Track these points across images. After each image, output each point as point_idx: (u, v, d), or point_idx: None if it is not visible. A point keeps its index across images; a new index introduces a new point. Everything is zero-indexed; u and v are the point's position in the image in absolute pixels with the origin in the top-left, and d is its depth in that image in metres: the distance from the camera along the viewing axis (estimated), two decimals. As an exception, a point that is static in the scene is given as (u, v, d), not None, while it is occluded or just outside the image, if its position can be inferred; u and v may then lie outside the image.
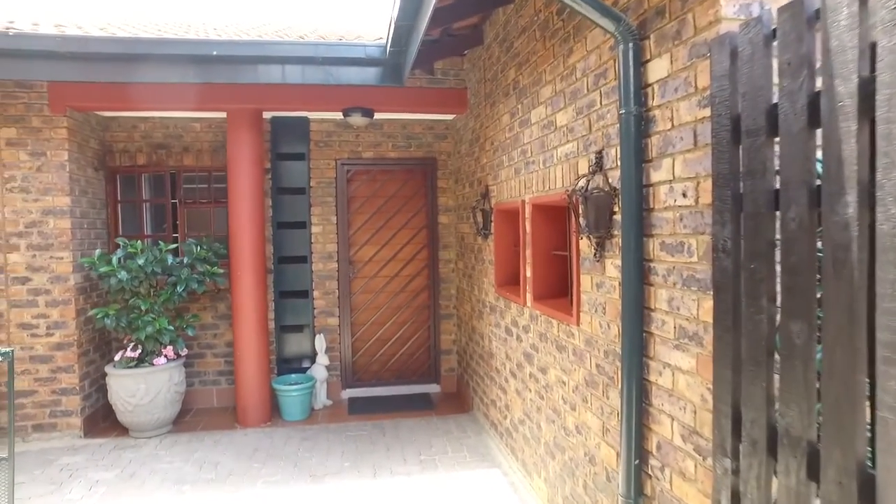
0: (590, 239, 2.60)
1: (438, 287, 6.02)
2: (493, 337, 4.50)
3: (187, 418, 5.35)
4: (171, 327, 4.71)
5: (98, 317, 4.66)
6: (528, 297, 3.55)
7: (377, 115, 5.51)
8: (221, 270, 5.15)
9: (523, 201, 3.59)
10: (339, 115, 5.55)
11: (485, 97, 4.57)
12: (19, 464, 4.40)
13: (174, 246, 4.88)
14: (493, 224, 4.34)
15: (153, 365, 4.77)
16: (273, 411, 5.32)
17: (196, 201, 5.68)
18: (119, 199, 5.58)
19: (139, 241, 4.71)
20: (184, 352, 5.07)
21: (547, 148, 3.18)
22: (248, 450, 4.56)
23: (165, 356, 4.85)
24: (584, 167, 2.71)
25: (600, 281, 2.58)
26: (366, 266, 5.97)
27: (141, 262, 4.52)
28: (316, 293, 5.83)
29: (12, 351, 3.21)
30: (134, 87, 4.77)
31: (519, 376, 3.84)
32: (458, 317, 5.89)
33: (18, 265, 4.74)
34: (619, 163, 2.27)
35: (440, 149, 5.95)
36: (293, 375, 5.53)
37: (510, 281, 4.21)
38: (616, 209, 2.39)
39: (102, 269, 4.52)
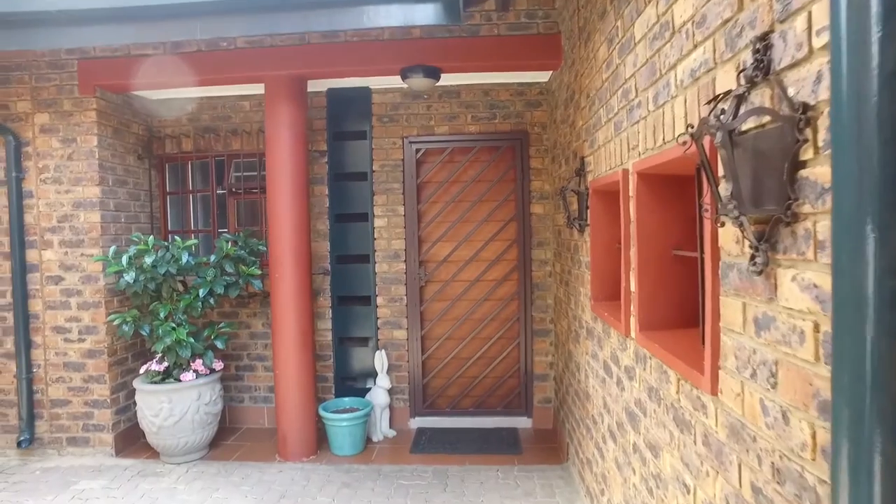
0: (740, 226, 1.26)
1: (531, 295, 4.76)
2: (589, 371, 3.18)
3: (230, 440, 4.63)
4: (191, 339, 3.95)
5: (115, 322, 4.04)
6: (633, 323, 2.21)
7: (448, 80, 4.40)
8: (259, 272, 4.33)
9: (625, 171, 2.26)
10: (406, 85, 4.51)
11: (578, 33, 3.25)
12: (41, 484, 3.90)
13: (192, 242, 4.13)
14: (588, 211, 3.02)
15: (179, 381, 4.06)
16: (321, 441, 4.42)
17: (247, 190, 4.95)
18: (167, 189, 5.02)
19: (151, 237, 4.02)
20: (218, 366, 4.32)
21: (660, 72, 1.84)
22: (274, 496, 3.67)
23: (195, 371, 4.12)
24: (726, 81, 1.36)
25: (765, 314, 1.23)
26: (440, 268, 4.87)
27: (149, 260, 3.80)
28: (380, 300, 4.84)
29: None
30: (163, 59, 4.10)
31: (619, 441, 2.50)
32: (556, 334, 4.59)
33: (52, 263, 4.29)
34: (812, 44, 0.94)
35: (533, 119, 4.68)
36: (346, 399, 4.59)
37: (611, 294, 2.87)
38: (807, 155, 1.05)
39: (112, 269, 3.88)
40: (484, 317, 4.85)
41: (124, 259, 3.83)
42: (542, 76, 4.48)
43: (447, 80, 4.44)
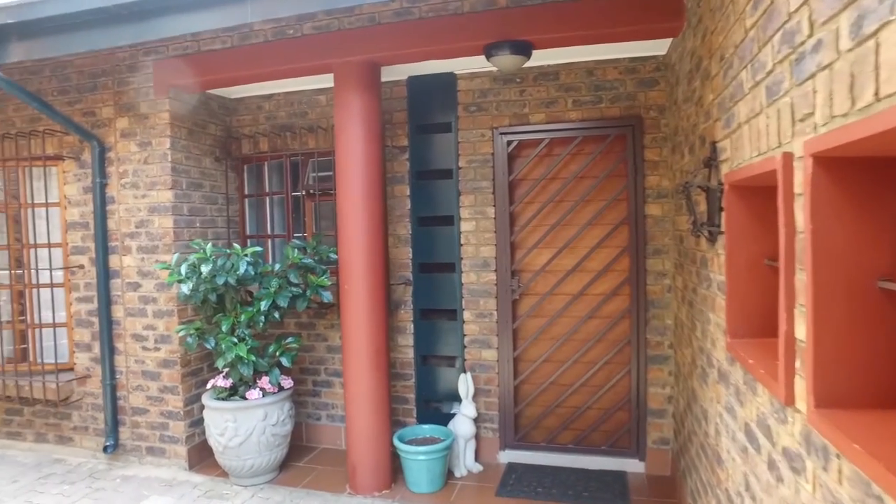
0: None
1: (646, 313, 3.94)
2: (721, 427, 2.37)
3: (303, 461, 4.29)
4: (252, 356, 3.62)
5: (180, 334, 3.82)
6: (801, 388, 1.43)
7: (544, 58, 3.73)
8: (328, 282, 3.92)
9: (787, 155, 1.48)
10: (494, 68, 3.90)
11: (711, -23, 2.44)
12: (117, 495, 3.79)
13: (252, 250, 3.79)
14: (723, 214, 2.22)
15: (245, 399, 3.76)
16: (397, 472, 3.93)
17: (324, 192, 4.59)
18: (246, 192, 4.80)
19: (210, 244, 3.72)
20: (287, 384, 3.98)
21: (864, -19, 1.07)
22: (335, 540, 3.22)
23: (261, 389, 3.80)
24: None
25: None
26: (537, 279, 4.19)
27: (205, 270, 3.50)
28: (467, 315, 4.26)
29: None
30: (230, 53, 3.82)
31: (773, 550, 1.71)
32: (677, 363, 3.74)
33: (131, 269, 4.19)
34: None
35: (648, 101, 3.86)
36: (426, 427, 4.06)
37: (757, 330, 2.05)
38: None
39: (171, 279, 3.65)
40: (588, 337, 4.10)
41: (183, 268, 3.58)
42: (659, 46, 3.64)
43: (542, 58, 3.76)
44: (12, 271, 4.56)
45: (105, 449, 4.23)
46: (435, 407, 4.43)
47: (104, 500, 3.77)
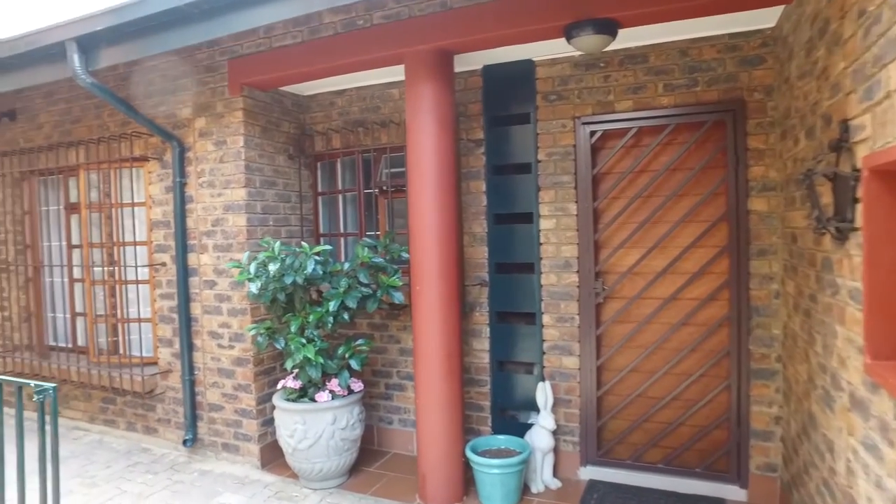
0: None
1: (749, 322, 3.49)
2: (855, 466, 1.96)
3: (374, 466, 4.17)
4: (321, 358, 3.51)
5: (251, 333, 3.79)
6: None
7: (631, 37, 3.38)
8: (400, 282, 3.77)
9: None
10: (576, 52, 3.61)
11: (844, -78, 2.03)
12: (192, 489, 3.84)
13: (321, 248, 3.68)
14: (860, 206, 1.83)
15: (314, 401, 3.68)
16: (469, 484, 3.71)
17: (398, 188, 4.45)
18: (319, 189, 4.75)
19: (278, 242, 3.65)
20: (357, 387, 3.87)
21: None
22: (402, 556, 3.05)
23: (331, 391, 3.71)
24: None
25: None
26: (623, 281, 3.84)
27: (273, 268, 3.43)
28: (546, 318, 3.97)
29: (54, 388, 2.37)
30: (300, 47, 3.76)
31: None
32: (787, 380, 3.27)
33: (207, 267, 4.24)
34: None
35: (752, 82, 3.40)
36: (501, 438, 3.82)
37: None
38: None
39: (240, 277, 3.61)
40: (681, 346, 3.70)
41: (252, 267, 3.54)
42: (767, 17, 3.19)
43: (629, 38, 3.42)
44: (104, 268, 4.76)
45: (184, 442, 4.31)
46: (511, 416, 4.17)
47: (181, 494, 3.82)
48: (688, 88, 3.53)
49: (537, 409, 3.86)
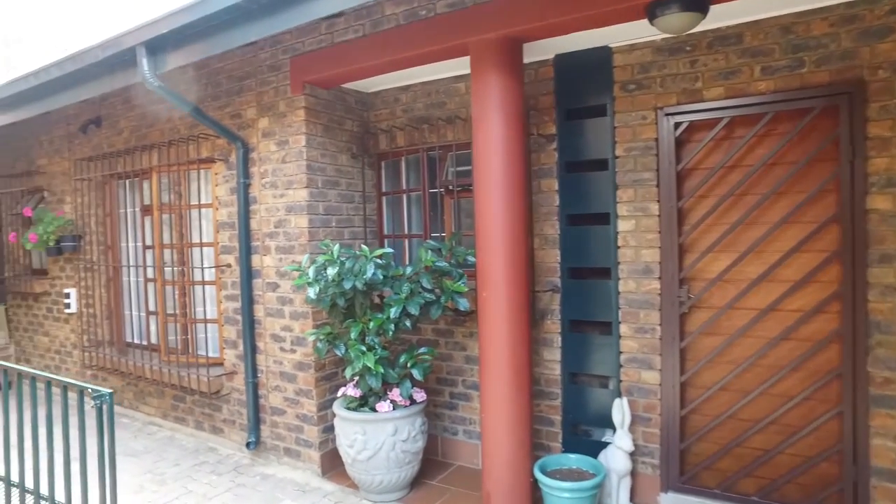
0: None
1: (867, 339, 3.02)
2: None
3: (437, 479, 3.98)
4: (381, 367, 3.35)
5: (310, 339, 3.68)
6: None
7: (722, 15, 3.00)
8: (465, 288, 3.54)
9: None
10: (658, 35, 3.26)
11: None
12: (254, 493, 3.81)
13: (381, 251, 3.51)
14: None
15: (375, 411, 3.52)
16: (538, 507, 3.45)
17: (464, 188, 4.23)
18: (383, 190, 4.61)
19: (337, 245, 3.50)
20: (419, 397, 3.68)
21: None
22: (464, 584, 2.83)
23: (392, 401, 3.54)
24: None
25: None
26: (711, 289, 3.45)
27: (331, 272, 3.29)
28: (624, 328, 3.64)
29: (110, 394, 2.33)
30: (362, 42, 3.61)
31: None
32: (914, 408, 2.79)
33: (270, 269, 4.20)
34: None
35: (875, 58, 2.92)
36: (573, 458, 3.52)
37: None
38: None
39: (298, 281, 3.50)
40: (780, 364, 3.26)
41: (311, 270, 3.42)
42: (899, -17, 2.72)
43: (720, 17, 3.04)
44: (174, 268, 4.84)
45: (247, 445, 4.30)
46: (584, 432, 3.87)
47: (243, 498, 3.79)
48: (791, 70, 3.09)
49: (613, 427, 3.54)
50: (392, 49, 3.49)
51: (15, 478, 3.11)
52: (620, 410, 3.44)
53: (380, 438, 3.48)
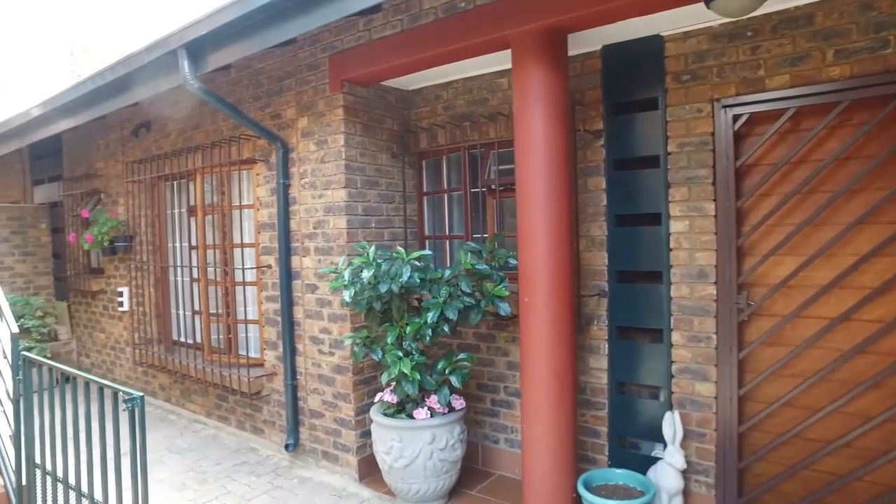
0: None
1: (955, 353, 2.69)
2: None
3: (476, 489, 3.84)
4: (417, 373, 3.23)
5: (346, 342, 3.61)
6: None
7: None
8: (507, 292, 3.39)
9: None
10: (715, 20, 3.03)
11: None
12: (290, 498, 3.77)
13: (419, 254, 3.38)
14: None
15: (412, 418, 3.42)
16: (582, 525, 3.25)
17: (507, 187, 4.07)
18: (424, 189, 4.50)
19: (372, 247, 3.40)
20: (458, 404, 3.55)
21: None
22: None
23: (429, 408, 3.43)
24: None
25: None
26: (775, 296, 3.17)
27: (367, 275, 3.19)
28: (676, 336, 3.40)
29: (141, 398, 2.31)
30: (400, 37, 3.51)
31: None
32: None
33: (309, 271, 4.16)
34: None
35: (969, 40, 2.60)
36: (620, 473, 3.31)
37: None
38: None
39: (333, 284, 3.42)
40: (855, 380, 2.96)
41: (347, 273, 3.34)
42: None
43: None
44: (216, 268, 4.89)
45: (286, 447, 4.27)
46: (632, 445, 3.64)
47: (280, 501, 3.76)
48: (871, 53, 2.79)
49: (663, 442, 3.30)
50: (430, 44, 3.37)
51: (59, 474, 3.17)
52: (672, 424, 3.20)
53: (416, 446, 3.37)
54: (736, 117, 3.18)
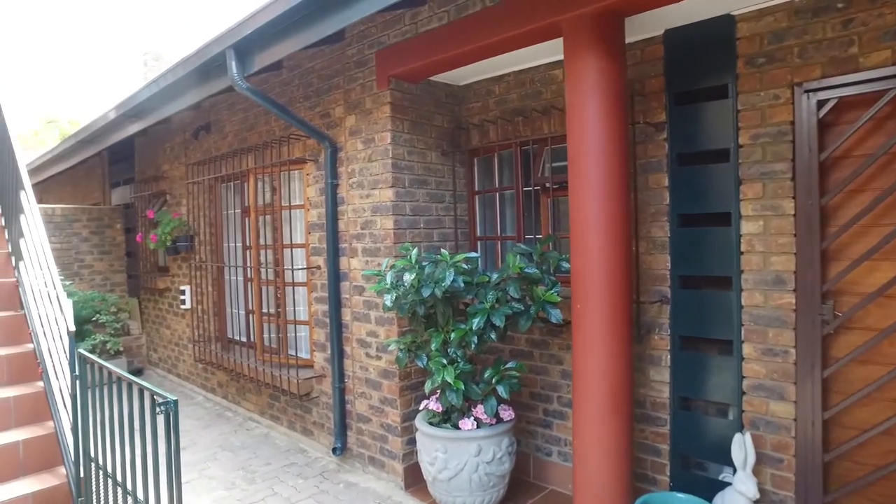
0: None
1: None
2: None
3: (527, 506, 3.63)
4: (461, 383, 3.06)
5: (390, 348, 3.48)
6: None
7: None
8: (559, 298, 3.16)
9: None
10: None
11: None
12: (337, 502, 3.70)
13: (463, 256, 3.20)
14: None
15: (458, 428, 3.25)
16: (640, 553, 2.98)
17: (562, 185, 3.83)
18: (476, 188, 4.33)
19: (415, 249, 3.25)
20: (507, 415, 3.36)
21: None
22: None
23: (476, 419, 3.26)
24: None
25: None
26: (868, 307, 2.78)
27: (409, 278, 3.04)
28: (748, 349, 3.06)
29: (175, 402, 2.27)
30: (448, 28, 3.36)
31: None
32: None
33: (357, 272, 4.08)
34: None
35: None
36: (682, 498, 3.01)
37: None
38: None
39: (374, 287, 3.30)
40: (965, 405, 2.54)
41: (388, 276, 3.21)
42: None
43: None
44: (266, 268, 4.91)
45: (333, 451, 4.22)
46: (697, 466, 3.33)
47: (324, 506, 3.71)
48: None
49: (732, 465, 2.98)
50: (477, 35, 3.20)
51: (109, 469, 3.23)
52: (742, 447, 2.88)
53: (462, 458, 3.21)
54: (821, 103, 2.81)
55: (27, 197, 3.70)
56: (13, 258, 4.14)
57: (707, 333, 3.21)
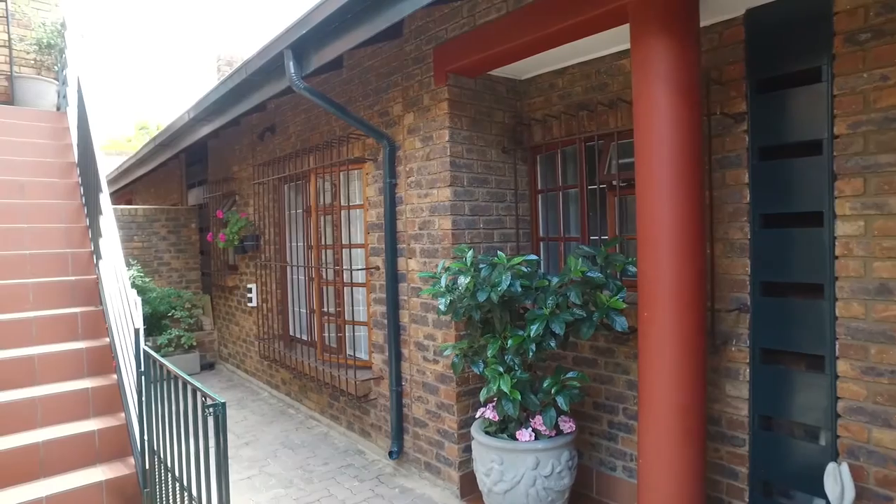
0: None
1: None
2: None
3: (589, 526, 3.42)
4: (518, 392, 2.89)
5: (446, 353, 3.36)
6: None
7: None
8: (624, 304, 2.94)
9: None
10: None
11: None
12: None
13: (521, 258, 3.01)
14: None
15: (515, 439, 3.09)
16: (714, 587, 2.71)
17: (629, 183, 3.58)
18: (538, 187, 4.14)
19: (471, 251, 3.09)
20: (567, 427, 3.16)
21: None
22: None
23: (534, 430, 3.08)
24: None
25: None
26: None
27: (463, 282, 2.89)
28: (843, 366, 2.72)
29: (223, 404, 2.26)
30: (505, 19, 3.20)
31: None
32: None
33: (414, 273, 4.00)
34: None
35: None
36: (764, 530, 2.71)
37: None
38: None
39: (427, 291, 3.17)
40: None
41: (443, 279, 3.09)
42: None
43: None
44: (326, 268, 4.91)
45: (390, 454, 4.16)
46: (781, 493, 3.00)
47: (379, 513, 3.64)
48: None
49: (824, 497, 2.65)
50: (536, 24, 3.02)
51: (168, 463, 3.30)
52: (837, 479, 2.55)
53: (518, 471, 3.05)
54: (936, 87, 2.45)
55: (105, 199, 3.86)
56: (94, 256, 4.35)
57: (793, 346, 2.88)
